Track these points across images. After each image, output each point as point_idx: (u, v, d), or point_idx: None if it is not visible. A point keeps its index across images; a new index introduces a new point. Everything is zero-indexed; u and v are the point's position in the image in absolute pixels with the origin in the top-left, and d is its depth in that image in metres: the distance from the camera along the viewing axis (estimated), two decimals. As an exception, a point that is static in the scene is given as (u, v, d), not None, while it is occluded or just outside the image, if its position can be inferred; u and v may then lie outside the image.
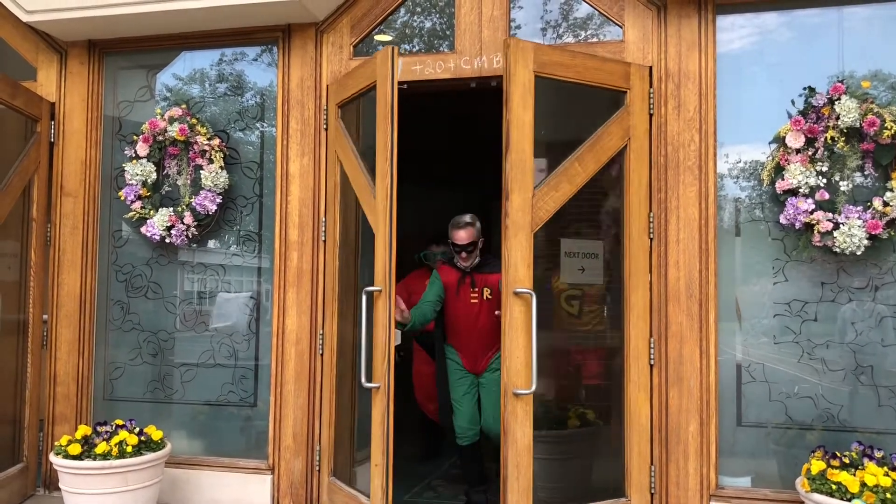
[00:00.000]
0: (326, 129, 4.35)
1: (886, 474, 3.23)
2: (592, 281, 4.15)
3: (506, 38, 3.54)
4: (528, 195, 3.55)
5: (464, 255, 4.35)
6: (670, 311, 3.82)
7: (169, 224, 4.40)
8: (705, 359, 3.78)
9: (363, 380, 3.60)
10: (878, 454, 3.38)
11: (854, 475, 3.24)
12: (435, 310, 4.44)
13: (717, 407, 3.76)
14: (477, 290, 4.38)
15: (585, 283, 4.14)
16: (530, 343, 3.46)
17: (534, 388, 3.43)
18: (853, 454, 3.41)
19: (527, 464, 3.44)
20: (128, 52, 4.74)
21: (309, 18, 4.32)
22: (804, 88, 3.70)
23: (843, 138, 3.59)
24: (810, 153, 3.63)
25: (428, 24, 4.36)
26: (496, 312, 4.17)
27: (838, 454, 3.41)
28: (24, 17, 4.43)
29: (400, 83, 4.05)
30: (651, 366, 3.82)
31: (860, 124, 3.54)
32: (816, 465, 3.37)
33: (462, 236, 4.33)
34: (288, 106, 4.41)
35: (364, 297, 3.65)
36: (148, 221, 4.46)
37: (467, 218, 4.38)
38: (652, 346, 3.82)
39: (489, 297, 4.37)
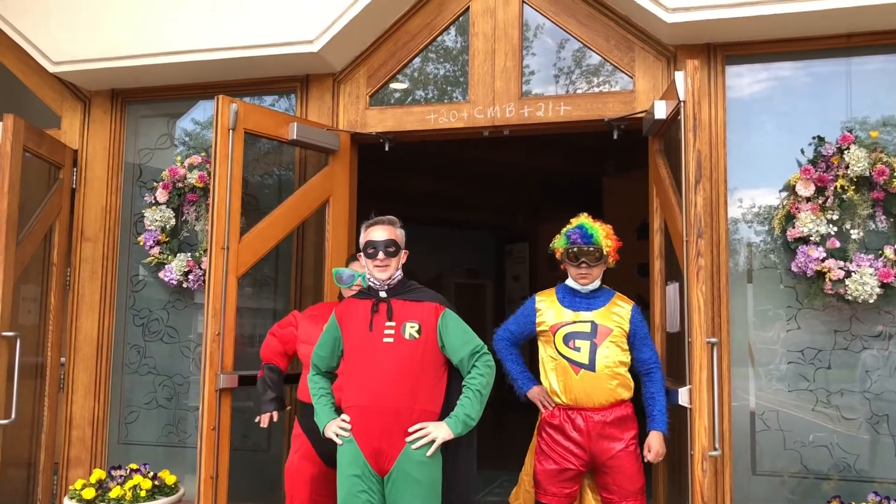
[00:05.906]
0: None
1: (904, 526, 3.20)
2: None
3: (693, 62, 3.25)
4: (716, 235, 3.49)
5: (381, 257, 2.99)
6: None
7: (186, 269, 4.47)
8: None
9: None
10: (895, 505, 3.35)
11: (871, 527, 3.22)
12: (326, 360, 3.16)
13: (732, 455, 3.74)
14: (395, 323, 2.97)
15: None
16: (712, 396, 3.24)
17: (718, 449, 3.20)
18: (870, 505, 3.39)
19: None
20: (150, 100, 4.86)
21: (327, 69, 4.43)
22: (813, 137, 3.75)
23: (853, 187, 3.62)
24: (821, 202, 3.66)
25: (442, 72, 4.45)
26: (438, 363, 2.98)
27: (855, 505, 3.39)
28: (51, 68, 4.57)
29: (384, 133, 4.29)
30: (665, 413, 3.80)
31: (870, 173, 3.58)
32: (833, 516, 3.34)
33: (379, 233, 3.04)
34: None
35: None
36: (166, 266, 4.53)
37: (388, 217, 3.14)
38: (665, 392, 3.81)
39: (414, 335, 2.95)
